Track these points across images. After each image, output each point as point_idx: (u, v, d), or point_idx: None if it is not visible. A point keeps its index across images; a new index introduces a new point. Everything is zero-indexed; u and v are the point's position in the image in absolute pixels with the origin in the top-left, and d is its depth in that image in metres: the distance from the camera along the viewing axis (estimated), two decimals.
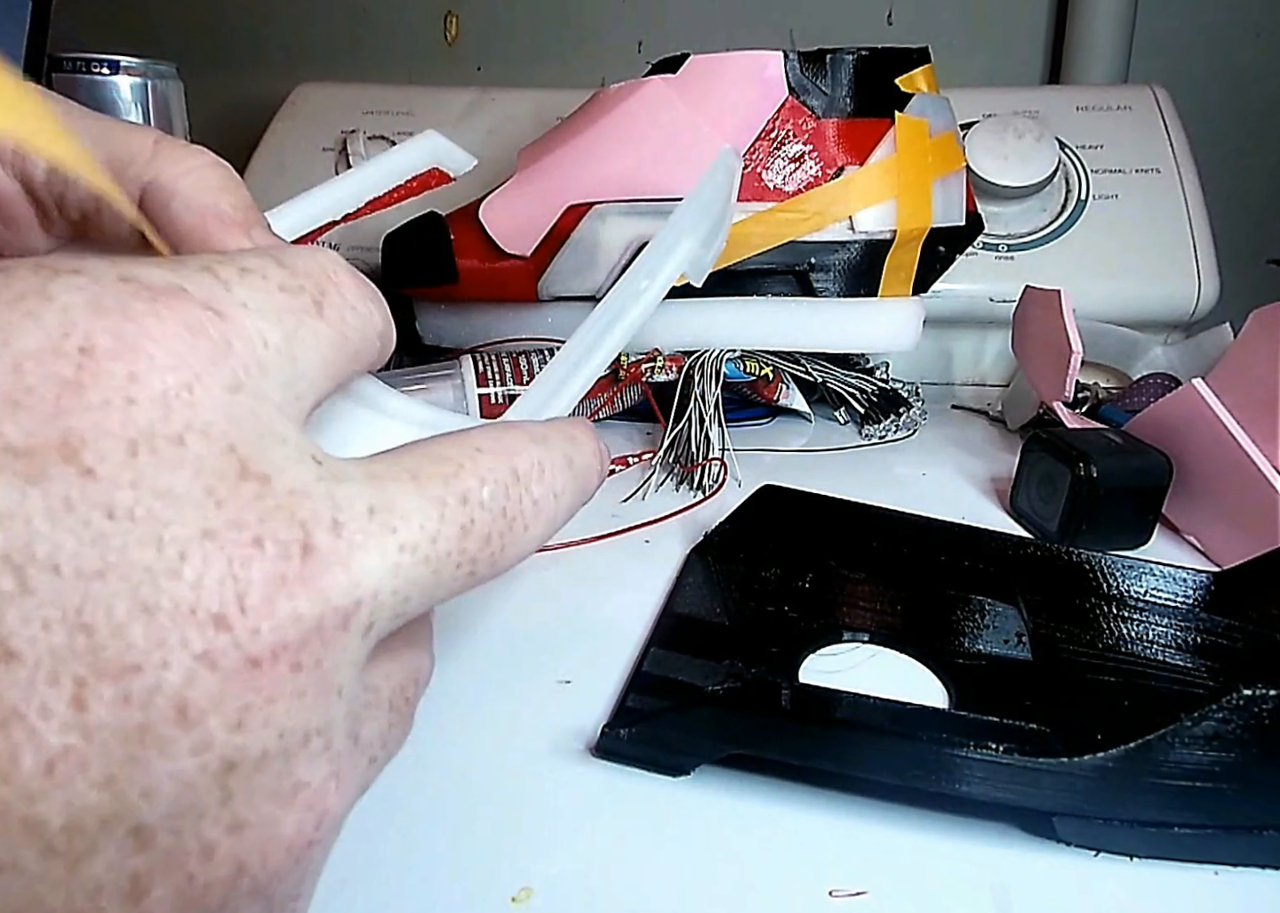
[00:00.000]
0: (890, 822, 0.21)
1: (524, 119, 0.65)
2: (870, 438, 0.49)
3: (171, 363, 0.10)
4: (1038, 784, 0.20)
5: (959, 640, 0.27)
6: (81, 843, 0.09)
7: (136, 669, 0.09)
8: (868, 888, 0.19)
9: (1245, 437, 0.33)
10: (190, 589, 0.10)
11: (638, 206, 0.45)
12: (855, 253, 0.45)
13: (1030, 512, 0.38)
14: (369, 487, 0.12)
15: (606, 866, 0.20)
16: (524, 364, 0.47)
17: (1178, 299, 0.57)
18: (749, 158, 0.44)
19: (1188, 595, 0.29)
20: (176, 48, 0.69)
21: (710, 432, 0.42)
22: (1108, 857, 0.20)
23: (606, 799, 0.22)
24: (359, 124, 0.65)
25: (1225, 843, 0.20)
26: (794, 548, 0.32)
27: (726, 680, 0.24)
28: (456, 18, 0.81)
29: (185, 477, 0.10)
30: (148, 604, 0.09)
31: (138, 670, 0.09)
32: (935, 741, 0.21)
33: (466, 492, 0.13)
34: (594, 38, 0.79)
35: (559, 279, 0.47)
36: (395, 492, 0.12)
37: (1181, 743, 0.20)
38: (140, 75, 0.51)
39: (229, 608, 0.10)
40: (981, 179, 0.57)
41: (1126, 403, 0.46)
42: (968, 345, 0.61)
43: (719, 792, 0.22)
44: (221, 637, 0.10)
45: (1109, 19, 0.70)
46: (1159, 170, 0.60)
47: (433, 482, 0.13)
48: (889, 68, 0.45)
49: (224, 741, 0.10)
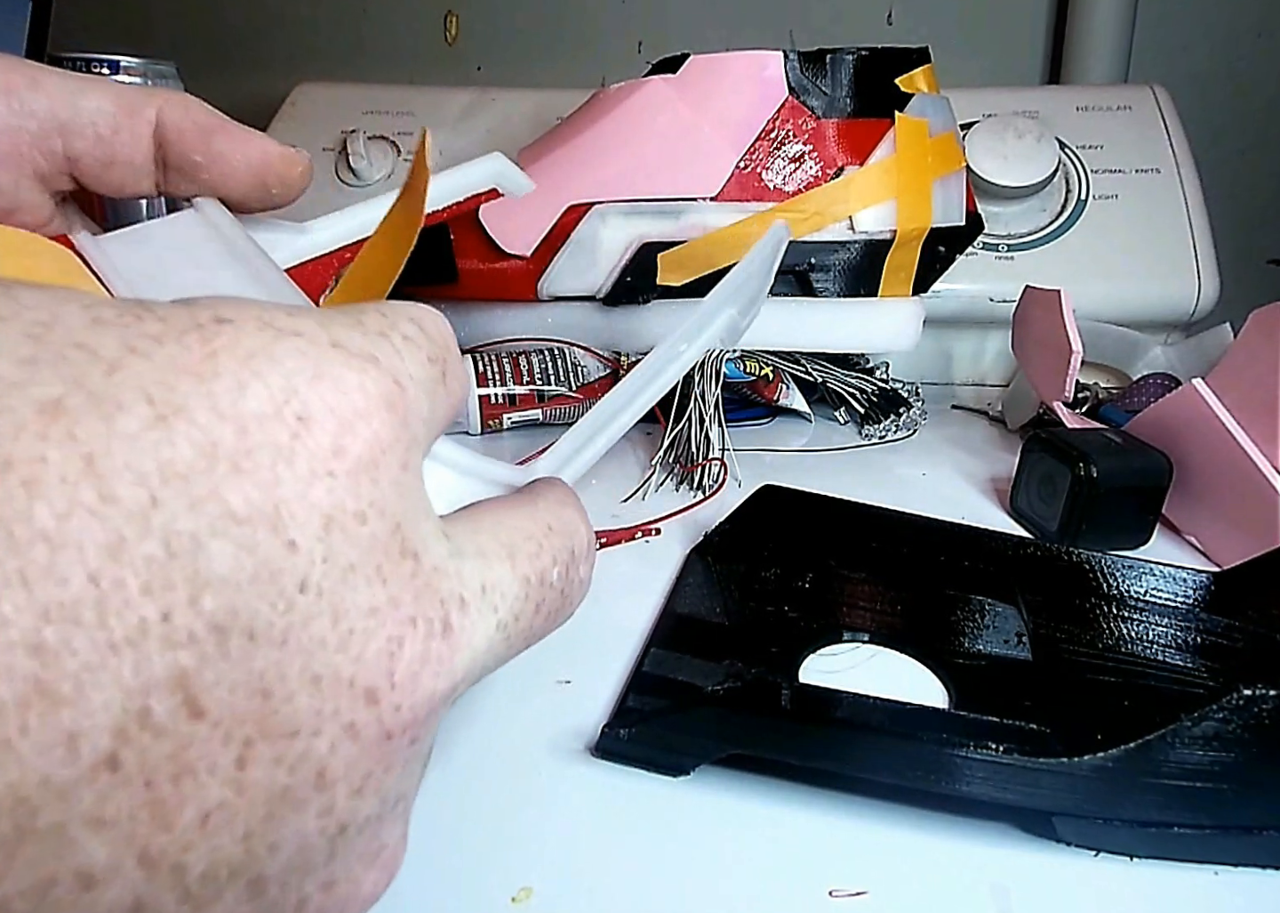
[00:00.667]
0: (890, 822, 0.21)
1: (524, 119, 0.65)
2: (870, 438, 0.49)
3: (370, 438, 0.10)
4: (1037, 784, 0.20)
5: (959, 640, 0.27)
6: (210, 890, 0.09)
7: (294, 735, 0.09)
8: (868, 888, 0.19)
9: (1245, 437, 0.33)
10: (352, 663, 0.10)
11: (638, 207, 0.45)
12: (855, 253, 0.45)
13: (1030, 512, 0.38)
14: (480, 563, 0.12)
15: (606, 866, 0.20)
16: (524, 364, 0.47)
17: (1178, 299, 0.57)
18: (749, 158, 0.44)
19: (1188, 595, 0.29)
20: (176, 48, 0.69)
21: (710, 432, 0.42)
22: (1108, 857, 0.20)
23: (606, 799, 0.22)
24: (359, 124, 0.65)
25: (1225, 843, 0.20)
26: (794, 548, 0.32)
27: (726, 680, 0.24)
28: (456, 18, 0.81)
29: (362, 553, 0.10)
30: (316, 675, 0.10)
31: (294, 736, 0.09)
32: (935, 741, 0.21)
33: (544, 572, 0.13)
34: (594, 38, 0.79)
35: (559, 279, 0.47)
36: (498, 571, 0.13)
37: (1181, 743, 0.20)
38: (140, 75, 0.51)
39: (380, 682, 0.10)
40: (981, 179, 0.57)
41: (1126, 403, 0.46)
42: (968, 345, 0.61)
43: (719, 792, 0.22)
44: (369, 711, 0.10)
45: (1109, 19, 0.70)
46: (1159, 170, 0.60)
47: (521, 561, 0.13)
48: (889, 68, 0.45)
49: (343, 805, 0.10)
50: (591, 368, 0.48)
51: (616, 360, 0.48)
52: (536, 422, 0.48)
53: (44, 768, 0.08)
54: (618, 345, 0.48)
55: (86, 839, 0.08)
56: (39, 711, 0.08)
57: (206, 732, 0.09)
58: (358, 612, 0.10)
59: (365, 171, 0.63)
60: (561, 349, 0.48)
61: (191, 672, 0.09)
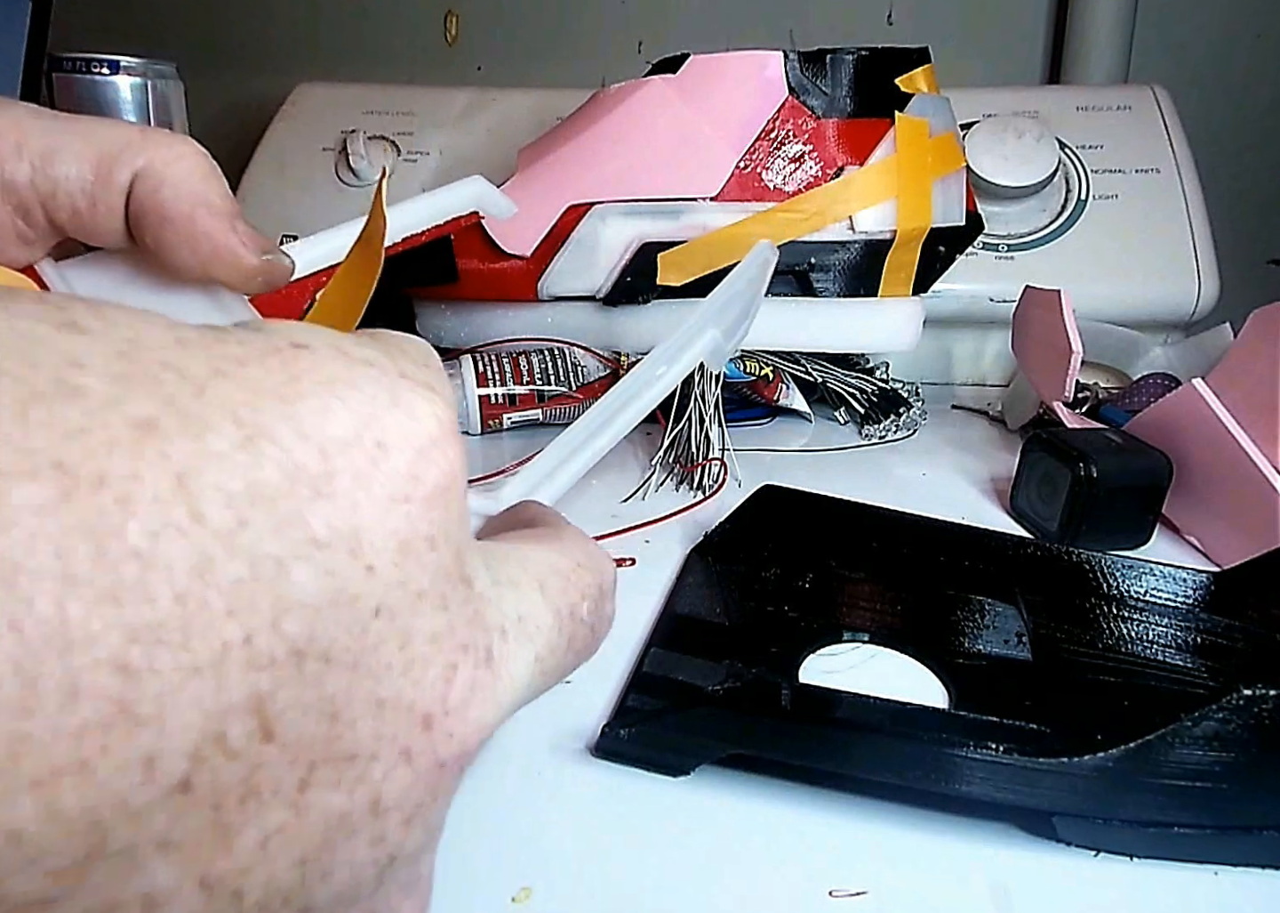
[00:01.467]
0: (890, 822, 0.21)
1: (524, 119, 0.65)
2: (870, 438, 0.49)
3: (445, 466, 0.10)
4: (1037, 784, 0.20)
5: (959, 640, 0.27)
6: None
7: (353, 759, 0.09)
8: (868, 888, 0.19)
9: (1245, 437, 0.33)
10: (413, 687, 0.10)
11: (638, 207, 0.45)
12: (855, 253, 0.45)
13: (1030, 512, 0.38)
14: (515, 593, 0.12)
15: (606, 866, 0.20)
16: (524, 364, 0.47)
17: (1178, 299, 0.57)
18: (749, 158, 0.44)
19: (1188, 595, 0.29)
20: (176, 48, 0.69)
21: (710, 432, 0.42)
22: (1108, 857, 0.20)
23: (606, 799, 0.22)
24: (359, 124, 0.65)
25: (1225, 843, 0.20)
26: (794, 548, 0.32)
27: (726, 680, 0.24)
28: (456, 17, 0.81)
29: (430, 579, 0.10)
30: (380, 699, 0.10)
31: (353, 760, 0.09)
32: (935, 741, 0.21)
33: (574, 607, 0.13)
34: (594, 38, 0.79)
35: (559, 279, 0.47)
36: (532, 602, 0.13)
37: (1181, 743, 0.20)
38: (140, 75, 0.51)
39: (435, 708, 0.10)
40: (981, 179, 0.57)
41: (1126, 403, 0.46)
42: (968, 345, 0.61)
43: (719, 792, 0.22)
44: (424, 737, 0.10)
45: (1109, 19, 0.70)
46: (1159, 170, 0.59)
47: (552, 594, 0.13)
48: (889, 68, 0.45)
49: (394, 836, 0.10)
50: (591, 368, 0.48)
51: (616, 360, 0.48)
52: (536, 422, 0.48)
53: (121, 790, 0.08)
54: (618, 345, 0.49)
55: (154, 863, 0.08)
56: (120, 732, 0.08)
57: (275, 755, 0.09)
58: (422, 637, 0.10)
59: (365, 172, 0.63)
60: (561, 349, 0.48)
61: (267, 695, 0.09)
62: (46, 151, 0.21)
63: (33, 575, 0.07)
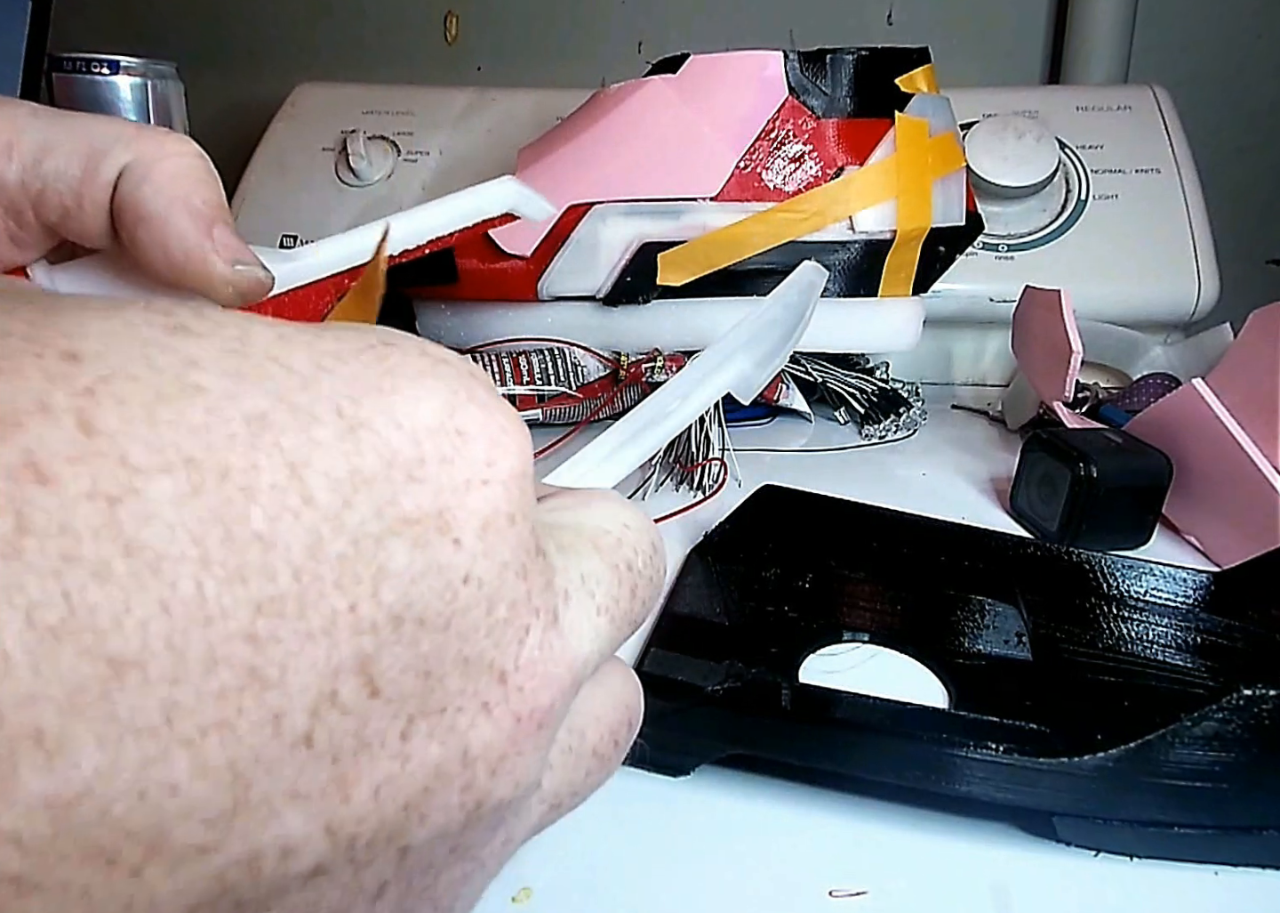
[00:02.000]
0: (890, 822, 0.21)
1: (524, 119, 0.65)
2: (870, 438, 0.49)
3: (515, 451, 0.11)
4: (1037, 784, 0.20)
5: (959, 640, 0.27)
6: (369, 856, 0.10)
7: (443, 711, 0.11)
8: (868, 888, 0.19)
9: (1245, 437, 0.33)
10: (494, 647, 0.11)
11: (638, 207, 0.45)
12: (855, 253, 0.45)
13: (1030, 512, 0.38)
14: (573, 556, 0.14)
15: (606, 866, 0.20)
16: (524, 364, 0.47)
17: (1178, 299, 0.57)
18: (749, 158, 0.44)
19: (1188, 595, 0.29)
20: (176, 48, 0.69)
21: (710, 432, 0.42)
22: (1108, 857, 0.20)
23: (606, 799, 0.21)
24: (359, 124, 0.65)
25: (1225, 843, 0.20)
26: (794, 548, 0.32)
27: (726, 680, 0.24)
28: (456, 18, 0.81)
29: (512, 551, 0.11)
30: (466, 657, 0.11)
31: (443, 712, 0.11)
32: (935, 741, 0.21)
33: (629, 560, 0.15)
34: (594, 38, 0.79)
35: (559, 279, 0.47)
36: (589, 561, 0.14)
37: (1181, 743, 0.20)
38: (140, 75, 0.51)
39: (508, 665, 0.11)
40: (981, 179, 0.57)
41: (1126, 403, 0.46)
42: (968, 345, 0.61)
43: (719, 792, 0.22)
44: (499, 689, 0.11)
45: (1109, 19, 0.70)
46: (1159, 170, 0.60)
47: (606, 552, 0.14)
48: (889, 68, 0.45)
49: (482, 784, 0.11)
50: (591, 368, 0.48)
51: (616, 360, 0.48)
52: (536, 422, 0.48)
53: (256, 745, 0.09)
54: (618, 345, 0.49)
55: (287, 812, 0.09)
56: (252, 694, 0.09)
57: (380, 709, 0.10)
58: (504, 603, 0.11)
59: (365, 171, 0.63)
60: (561, 349, 0.48)
61: (371, 656, 0.10)
62: (38, 149, 0.21)
63: (175, 561, 0.08)
